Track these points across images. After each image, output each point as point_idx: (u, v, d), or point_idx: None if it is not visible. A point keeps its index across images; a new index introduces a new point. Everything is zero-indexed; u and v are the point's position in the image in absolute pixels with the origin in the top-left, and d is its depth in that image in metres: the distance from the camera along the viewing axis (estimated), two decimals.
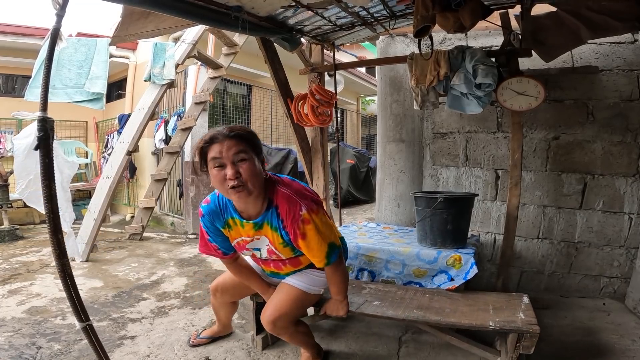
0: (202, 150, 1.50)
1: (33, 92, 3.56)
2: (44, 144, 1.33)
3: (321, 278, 1.84)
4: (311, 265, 1.78)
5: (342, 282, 1.74)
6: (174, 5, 1.93)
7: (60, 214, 1.28)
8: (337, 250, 1.64)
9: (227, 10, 2.19)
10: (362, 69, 10.52)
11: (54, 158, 1.37)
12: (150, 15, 2.22)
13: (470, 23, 2.01)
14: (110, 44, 3.26)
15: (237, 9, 2.20)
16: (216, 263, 3.93)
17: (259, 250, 1.72)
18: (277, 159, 5.48)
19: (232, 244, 1.73)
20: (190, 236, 5.28)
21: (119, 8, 2.08)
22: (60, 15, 1.39)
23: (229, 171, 1.43)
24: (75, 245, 3.33)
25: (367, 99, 12.40)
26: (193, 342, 2.17)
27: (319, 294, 1.88)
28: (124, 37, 2.56)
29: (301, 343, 1.90)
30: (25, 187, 1.37)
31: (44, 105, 1.35)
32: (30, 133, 1.29)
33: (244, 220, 1.62)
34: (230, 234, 1.68)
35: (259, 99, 7.29)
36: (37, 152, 1.36)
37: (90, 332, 1.54)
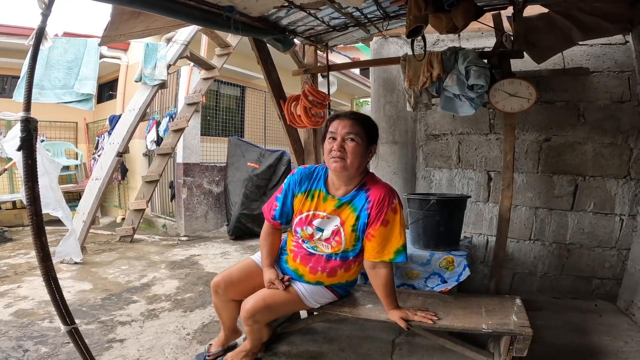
0: (326, 124, 1.73)
1: (22, 93, 3.51)
2: (27, 144, 1.30)
3: (326, 297, 1.86)
4: (335, 286, 1.85)
5: (393, 287, 1.76)
6: (164, 5, 1.91)
7: (57, 213, 1.25)
8: (404, 254, 1.70)
9: (219, 10, 2.17)
10: (356, 71, 10.52)
11: (40, 159, 1.34)
12: (140, 15, 2.19)
13: (462, 24, 2.01)
14: (99, 44, 3.24)
15: (229, 9, 2.18)
16: (208, 266, 3.90)
17: (321, 231, 1.74)
18: (271, 161, 5.44)
19: (298, 217, 1.79)
20: (182, 238, 5.24)
21: (108, 8, 2.05)
22: (45, 14, 1.36)
23: (336, 144, 1.62)
24: (76, 245, 3.24)
25: (361, 100, 12.42)
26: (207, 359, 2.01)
27: (313, 307, 1.87)
28: (113, 37, 2.52)
29: (256, 338, 1.88)
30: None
31: (27, 105, 1.32)
32: (17, 134, 1.26)
33: (330, 195, 1.74)
34: (306, 204, 1.77)
35: (253, 100, 7.27)
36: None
37: (75, 335, 1.51)
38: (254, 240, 5.05)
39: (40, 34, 1.36)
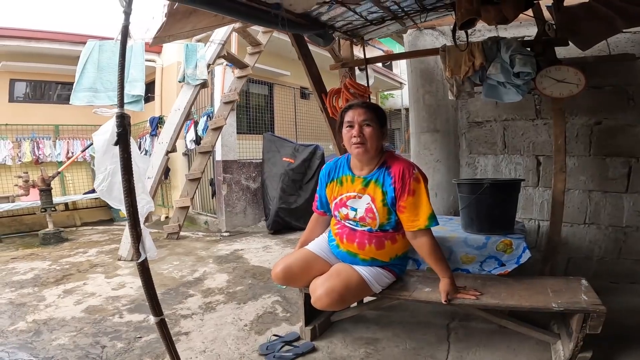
0: (341, 115, 1.91)
1: (78, 96, 3.67)
2: (123, 139, 1.40)
3: (386, 278, 1.94)
4: (390, 263, 1.94)
5: (441, 254, 1.85)
6: (222, 4, 2.02)
7: (139, 206, 1.35)
8: (436, 220, 1.81)
9: (267, 8, 2.25)
10: (379, 64, 10.45)
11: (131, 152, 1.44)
12: (191, 15, 2.29)
13: (513, 15, 2.02)
14: (151, 45, 3.37)
15: (276, 6, 2.25)
16: (253, 259, 4.01)
17: (355, 210, 1.89)
18: (305, 155, 5.52)
19: (334, 202, 1.98)
20: (224, 234, 5.40)
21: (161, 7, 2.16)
22: (127, 12, 1.43)
23: (355, 131, 1.79)
24: (151, 243, 3.33)
25: (386, 93, 12.36)
26: None
27: (376, 291, 1.93)
28: (163, 38, 2.63)
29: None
30: (101, 182, 1.43)
31: (121, 102, 1.42)
32: (107, 130, 1.35)
33: (355, 176, 1.91)
34: (338, 188, 1.97)
35: (281, 97, 7.36)
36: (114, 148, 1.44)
37: (162, 326, 1.62)
38: (293, 233, 5.15)
39: (125, 32, 1.44)
